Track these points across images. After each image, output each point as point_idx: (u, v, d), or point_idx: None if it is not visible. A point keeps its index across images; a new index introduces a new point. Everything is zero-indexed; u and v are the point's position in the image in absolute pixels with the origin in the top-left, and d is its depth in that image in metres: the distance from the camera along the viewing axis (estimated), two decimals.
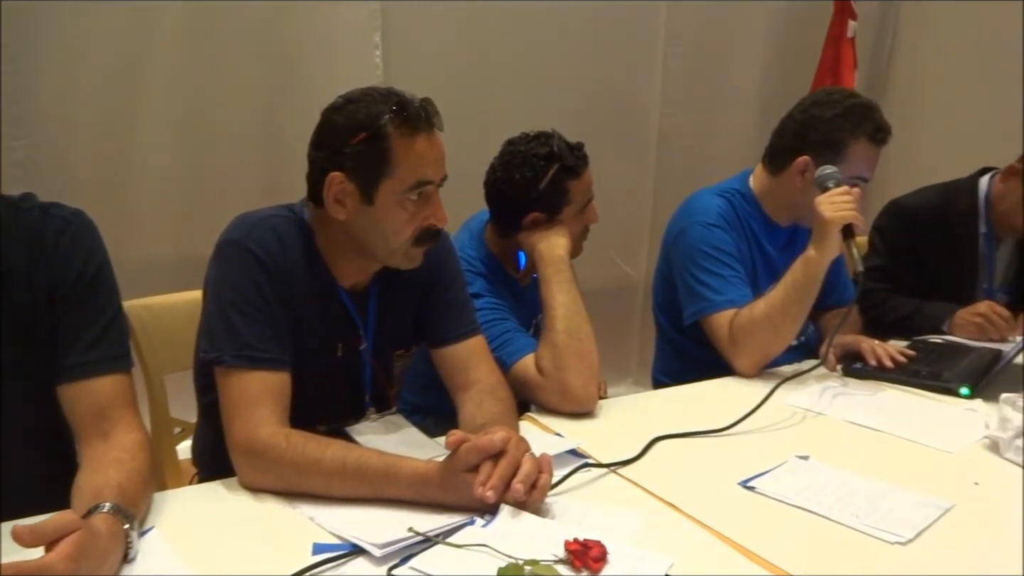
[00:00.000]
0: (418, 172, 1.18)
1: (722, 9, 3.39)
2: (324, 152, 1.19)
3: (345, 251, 1.25)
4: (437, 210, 1.23)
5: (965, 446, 1.29)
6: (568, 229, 1.58)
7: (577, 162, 1.56)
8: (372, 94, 1.19)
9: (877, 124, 1.68)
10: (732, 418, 1.35)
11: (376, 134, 1.14)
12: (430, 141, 1.19)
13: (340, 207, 1.19)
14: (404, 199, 1.19)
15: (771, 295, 1.61)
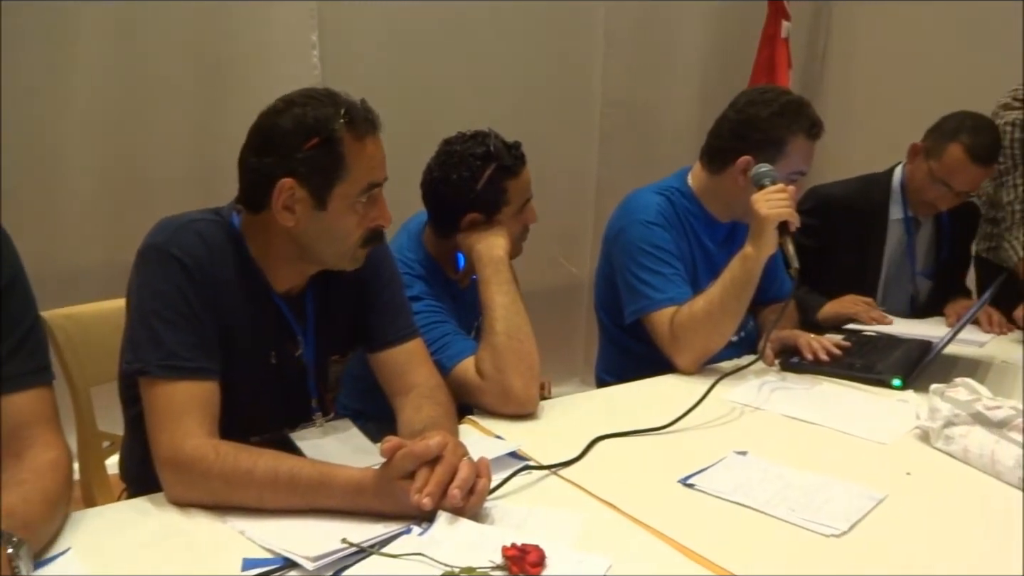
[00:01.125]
0: (369, 175, 1.17)
1: (659, 10, 3.42)
2: (271, 158, 1.15)
3: (282, 256, 1.22)
4: (384, 210, 1.23)
5: (897, 437, 1.32)
6: (507, 229, 1.56)
7: (515, 161, 1.55)
8: (315, 96, 1.17)
9: (812, 119, 1.71)
10: (673, 415, 1.36)
11: (329, 138, 1.12)
12: (376, 143, 1.19)
13: (289, 214, 1.16)
14: (356, 202, 1.18)
15: (710, 292, 1.63)
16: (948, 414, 1.26)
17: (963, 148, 1.99)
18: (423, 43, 3.03)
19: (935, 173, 2.04)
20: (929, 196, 2.09)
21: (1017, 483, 1.12)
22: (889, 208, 2.20)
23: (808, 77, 3.91)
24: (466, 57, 3.10)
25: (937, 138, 2.06)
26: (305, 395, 1.31)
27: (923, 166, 2.08)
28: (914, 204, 2.16)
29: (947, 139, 2.03)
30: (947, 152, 2.02)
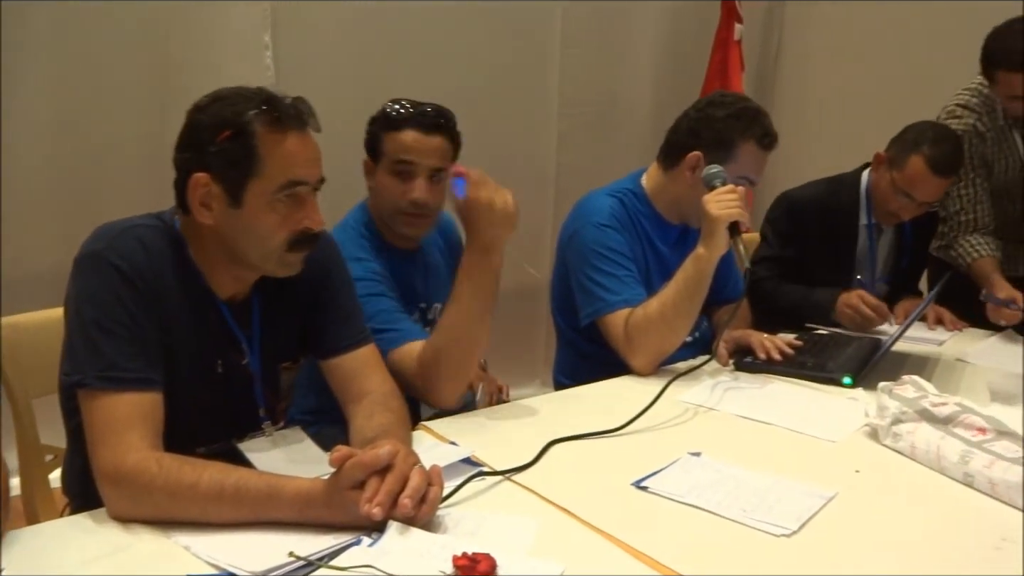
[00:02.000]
0: (288, 171, 1.13)
1: (616, 11, 3.44)
2: (187, 153, 1.13)
3: (220, 260, 1.19)
4: (312, 212, 1.17)
5: (847, 434, 1.34)
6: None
7: (397, 116, 1.62)
8: (241, 92, 1.14)
9: (765, 129, 1.73)
10: (628, 416, 1.36)
11: (241, 131, 1.09)
12: (302, 140, 1.14)
13: (206, 211, 1.13)
14: (274, 200, 1.13)
15: (663, 293, 1.63)
16: (896, 411, 1.28)
17: (924, 160, 1.99)
18: (379, 43, 3.00)
19: (897, 184, 2.05)
20: (892, 206, 2.10)
21: (961, 478, 1.14)
22: (859, 212, 2.20)
23: (762, 79, 3.97)
24: (422, 57, 3.08)
25: (900, 149, 2.06)
26: (253, 404, 1.28)
27: (886, 176, 2.08)
28: (878, 212, 2.17)
29: (909, 150, 2.03)
30: (909, 163, 2.02)
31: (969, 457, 1.14)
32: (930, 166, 2.00)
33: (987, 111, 2.20)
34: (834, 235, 2.19)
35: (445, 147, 1.63)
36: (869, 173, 2.19)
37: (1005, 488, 1.08)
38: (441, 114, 1.63)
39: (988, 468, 1.11)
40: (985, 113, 2.20)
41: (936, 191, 2.06)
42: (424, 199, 1.60)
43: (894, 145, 2.10)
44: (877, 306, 1.98)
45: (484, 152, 3.27)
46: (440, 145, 1.62)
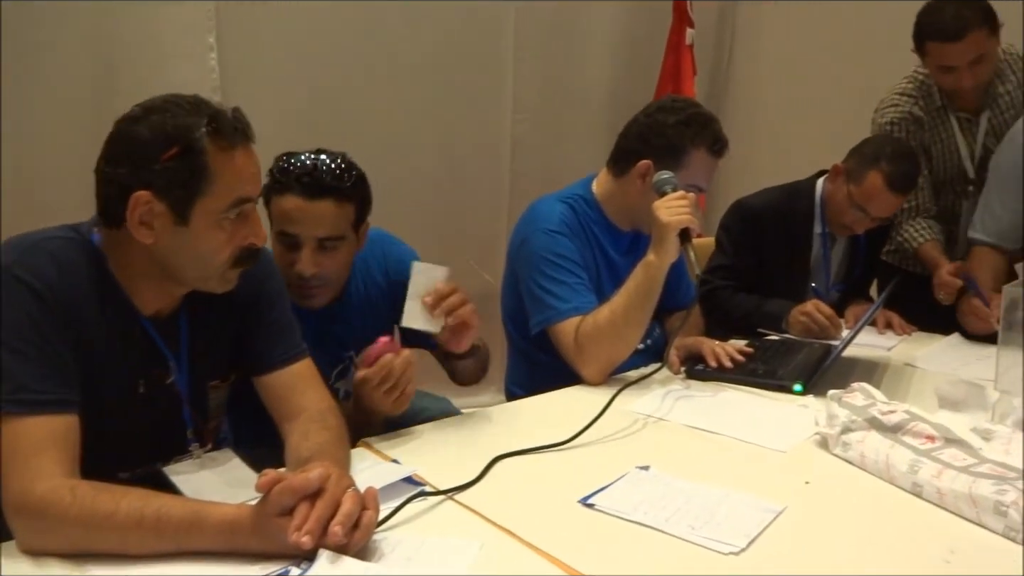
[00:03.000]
0: (238, 189, 1.09)
1: (568, 15, 3.42)
2: (124, 168, 1.06)
3: (146, 275, 1.13)
4: (257, 228, 1.15)
5: (797, 444, 1.31)
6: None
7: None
8: (177, 103, 1.08)
9: (716, 136, 1.71)
10: (578, 428, 1.32)
11: (190, 148, 1.04)
12: (247, 155, 1.11)
13: (147, 229, 1.07)
14: (223, 218, 1.10)
15: (614, 301, 1.61)
16: (845, 420, 1.26)
17: (882, 176, 1.99)
18: (328, 46, 2.94)
19: (854, 197, 2.04)
20: (846, 219, 2.09)
21: (910, 488, 1.13)
22: (814, 220, 2.19)
23: (713, 85, 3.98)
24: (374, 61, 3.03)
25: (858, 163, 2.05)
26: (180, 426, 1.23)
27: (843, 188, 2.07)
28: (832, 224, 2.16)
29: (867, 165, 2.02)
30: (866, 179, 2.01)
31: (918, 467, 1.13)
32: (887, 183, 1.99)
33: (923, 95, 2.22)
34: (789, 243, 2.18)
35: (334, 213, 1.44)
36: (824, 182, 2.19)
37: (953, 498, 1.06)
38: (332, 174, 1.43)
39: (936, 478, 1.09)
40: (921, 97, 2.22)
41: (891, 207, 2.06)
42: (310, 273, 1.45)
43: (852, 158, 2.09)
44: (831, 316, 1.98)
45: (438, 157, 3.26)
46: (327, 212, 1.43)
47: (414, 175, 3.19)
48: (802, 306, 2.00)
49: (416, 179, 3.20)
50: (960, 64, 2.01)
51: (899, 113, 2.22)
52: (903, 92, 2.24)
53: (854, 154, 2.09)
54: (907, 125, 2.21)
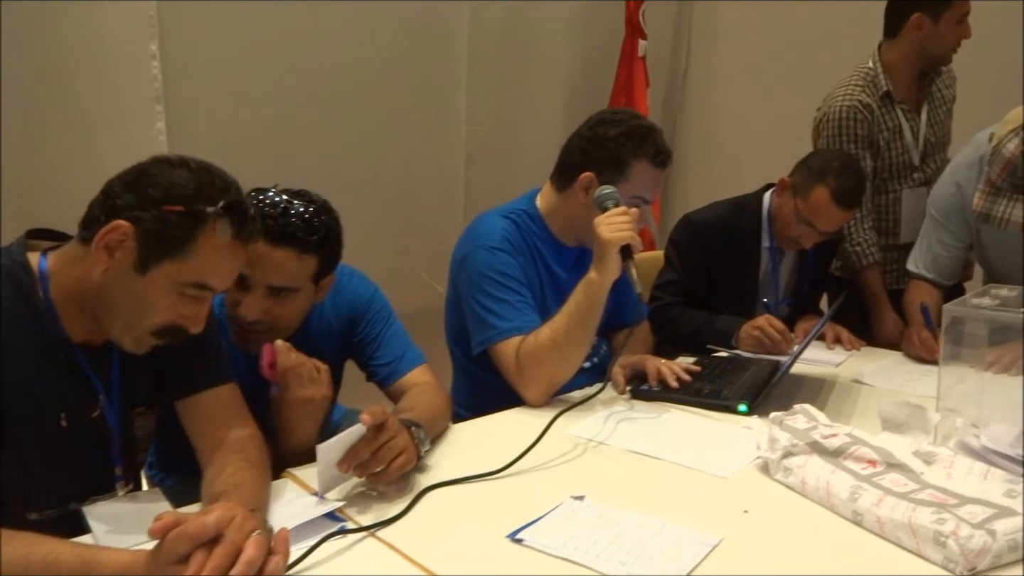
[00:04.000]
0: (207, 276, 1.08)
1: (522, 25, 3.39)
2: (130, 196, 1.04)
3: (84, 304, 1.08)
4: (200, 316, 1.11)
5: (739, 468, 1.27)
6: None
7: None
8: (217, 173, 1.09)
9: (658, 147, 1.68)
10: (516, 454, 1.27)
11: (192, 216, 1.04)
12: (237, 252, 1.11)
13: (106, 256, 1.04)
14: (177, 287, 1.07)
15: (555, 320, 1.56)
16: (786, 444, 1.22)
17: (829, 191, 1.97)
18: (276, 54, 2.86)
19: (800, 212, 2.03)
20: (793, 233, 2.08)
21: (851, 517, 1.09)
22: (761, 235, 2.17)
23: (671, 94, 3.98)
24: (322, 70, 2.95)
25: (805, 177, 2.04)
26: (106, 462, 1.16)
27: (790, 203, 2.06)
28: (779, 238, 2.15)
29: (813, 179, 2.00)
30: (813, 193, 1.99)
31: (858, 494, 1.09)
32: (835, 198, 1.98)
33: (870, 84, 2.27)
34: (738, 257, 2.15)
35: (293, 264, 1.34)
36: (771, 196, 2.17)
37: (892, 528, 1.03)
38: (301, 223, 1.34)
39: (876, 506, 1.06)
40: (869, 85, 2.27)
41: (838, 222, 2.04)
42: (251, 318, 1.36)
43: (798, 172, 2.08)
44: (783, 331, 1.95)
45: (390, 168, 3.20)
46: (286, 261, 1.34)
47: (365, 185, 3.12)
48: (754, 321, 1.98)
49: (367, 190, 3.13)
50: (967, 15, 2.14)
51: (848, 102, 2.25)
52: (848, 83, 2.29)
53: (800, 167, 2.07)
54: (856, 113, 2.24)
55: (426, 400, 1.41)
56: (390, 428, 1.14)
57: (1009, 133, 1.53)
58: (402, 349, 1.57)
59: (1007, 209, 1.57)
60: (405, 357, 1.55)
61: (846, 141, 2.25)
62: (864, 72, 2.29)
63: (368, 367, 1.58)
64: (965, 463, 1.19)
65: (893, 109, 2.28)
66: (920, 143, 2.29)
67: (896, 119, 2.28)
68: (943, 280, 2.02)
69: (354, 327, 1.57)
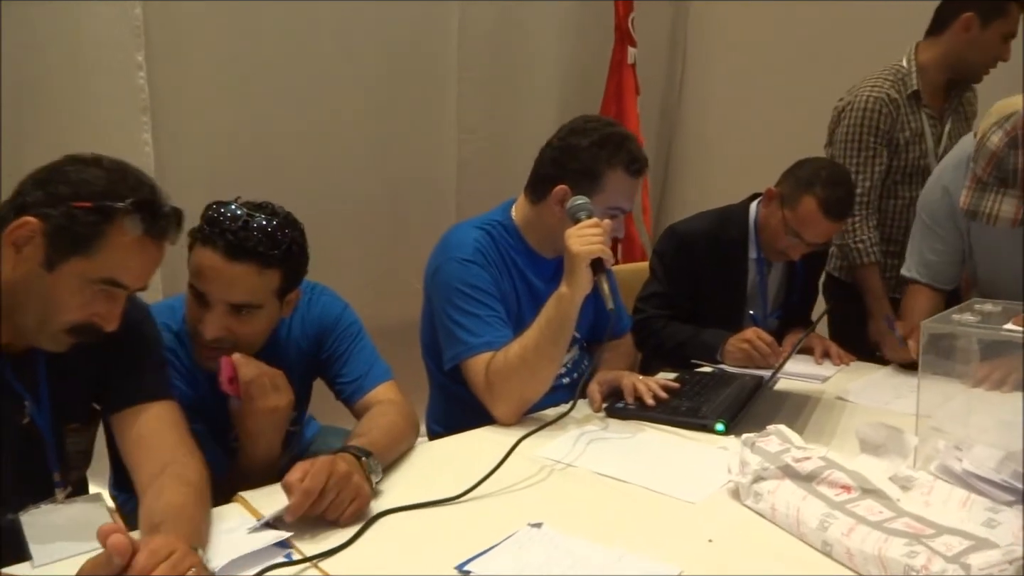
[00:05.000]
0: (117, 272, 1.06)
1: (513, 34, 3.35)
2: (40, 193, 1.04)
3: None
4: (113, 313, 1.10)
5: (709, 494, 1.22)
6: None
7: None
8: (130, 172, 1.09)
9: (632, 155, 1.63)
10: (480, 476, 1.22)
11: (100, 212, 1.03)
12: (149, 250, 1.09)
13: (14, 252, 1.02)
14: (86, 284, 1.05)
15: (525, 336, 1.51)
16: (757, 467, 1.17)
17: (817, 201, 1.92)
18: (265, 65, 2.82)
19: (788, 223, 1.97)
20: (781, 244, 2.02)
21: (820, 547, 1.03)
22: (748, 246, 2.12)
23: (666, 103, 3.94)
24: (312, 79, 2.92)
25: (792, 186, 1.98)
26: (43, 470, 1.13)
27: (777, 213, 2.00)
28: (766, 249, 2.09)
29: (801, 190, 1.95)
30: (801, 203, 1.94)
31: (828, 523, 1.03)
32: (823, 209, 1.92)
33: (899, 81, 2.22)
34: (724, 269, 2.10)
35: (253, 280, 1.29)
36: (758, 205, 2.11)
37: (862, 560, 0.97)
38: (262, 236, 1.28)
39: (846, 536, 1.00)
40: (899, 81, 2.22)
41: (827, 233, 1.99)
42: (211, 336, 1.31)
43: (786, 181, 2.02)
44: (772, 343, 1.90)
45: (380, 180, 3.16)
46: (245, 277, 1.28)
47: (355, 197, 3.08)
48: (741, 334, 1.92)
49: (357, 201, 3.10)
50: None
51: (877, 93, 2.19)
52: (881, 76, 2.23)
53: (788, 177, 2.01)
54: (882, 106, 2.18)
55: (386, 422, 1.36)
56: (330, 488, 1.08)
57: (992, 126, 1.47)
58: (368, 365, 1.52)
59: (994, 204, 1.50)
60: (371, 374, 1.51)
61: (867, 133, 2.18)
62: (896, 69, 2.23)
63: (334, 384, 1.53)
64: (944, 489, 1.13)
65: (918, 111, 2.22)
66: (940, 151, 2.22)
67: (920, 121, 2.22)
68: (939, 285, 1.93)
69: (321, 344, 1.53)
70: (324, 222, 3.00)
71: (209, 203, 1.34)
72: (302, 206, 3.03)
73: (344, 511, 1.09)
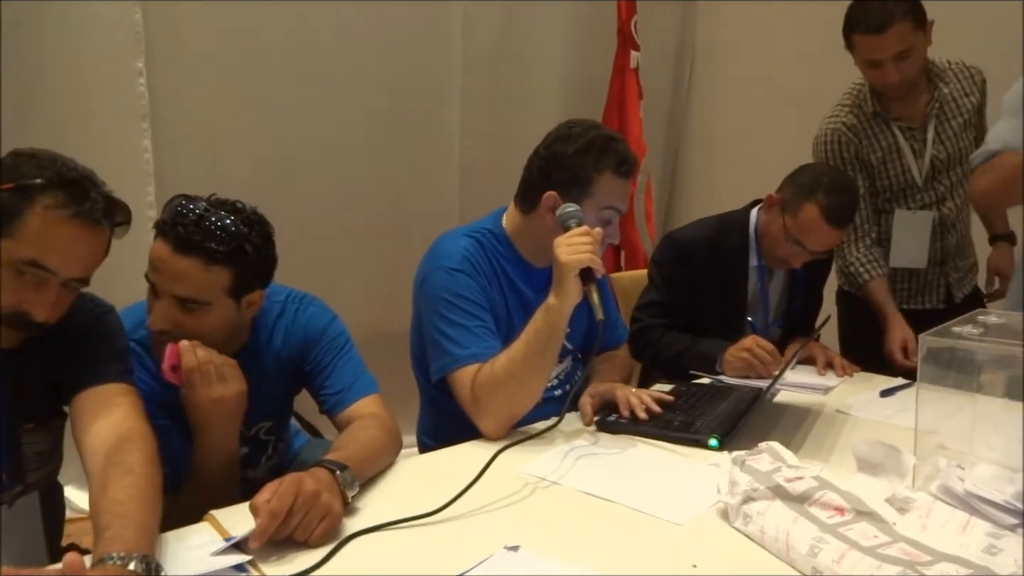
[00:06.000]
0: (39, 253, 1.04)
1: (516, 39, 3.32)
2: None
3: None
4: (43, 301, 1.07)
5: (699, 514, 1.16)
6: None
7: None
8: (60, 160, 1.09)
9: (620, 156, 1.58)
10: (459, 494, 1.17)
11: (21, 191, 1.02)
12: (77, 233, 1.06)
13: None
14: (14, 267, 1.04)
15: (513, 348, 1.46)
16: (746, 487, 1.11)
17: (819, 208, 1.86)
18: (267, 71, 2.81)
19: (789, 230, 1.91)
20: (782, 252, 1.97)
21: (810, 573, 0.98)
22: (748, 253, 2.06)
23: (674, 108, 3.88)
24: (312, 87, 2.90)
25: (793, 193, 1.92)
26: None
27: (778, 220, 1.94)
28: (767, 257, 2.03)
29: (803, 196, 1.89)
30: (803, 211, 1.88)
31: (819, 548, 0.98)
32: (825, 216, 1.86)
33: (858, 103, 2.16)
34: (723, 277, 2.04)
35: (199, 275, 1.27)
36: (758, 212, 2.06)
37: None
38: (211, 231, 1.26)
39: (837, 563, 0.95)
40: (856, 105, 2.16)
41: (829, 241, 1.93)
42: (159, 328, 1.30)
43: (787, 187, 1.96)
44: (773, 351, 1.84)
45: (382, 187, 3.12)
46: (190, 271, 1.26)
47: (357, 204, 3.06)
48: (741, 342, 1.86)
49: (359, 208, 3.07)
50: (885, 58, 1.97)
51: (833, 124, 2.16)
52: (839, 103, 2.19)
53: (789, 183, 1.96)
54: (840, 136, 2.14)
55: (365, 436, 1.31)
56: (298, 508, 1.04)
57: None
58: (353, 377, 1.48)
59: None
60: (355, 386, 1.47)
61: (834, 163, 2.16)
62: (856, 91, 2.18)
63: (318, 396, 1.50)
64: (944, 511, 1.07)
65: (888, 128, 2.14)
66: (926, 162, 2.13)
67: (891, 138, 2.14)
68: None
69: (305, 356, 1.49)
70: (326, 229, 3.00)
71: (175, 196, 1.32)
72: (304, 213, 3.02)
73: (312, 532, 1.05)
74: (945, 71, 2.14)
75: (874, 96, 2.12)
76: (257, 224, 1.34)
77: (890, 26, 1.92)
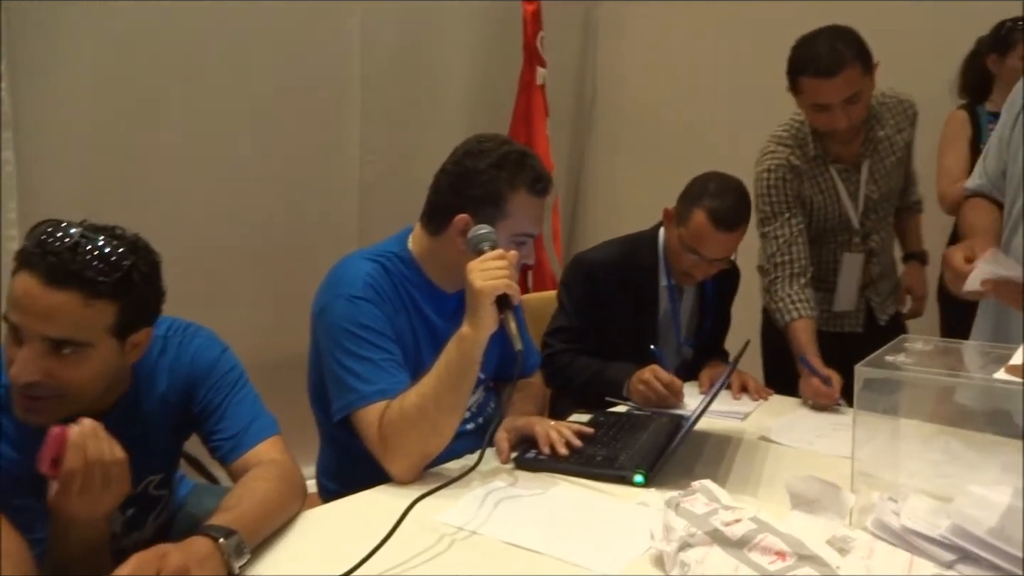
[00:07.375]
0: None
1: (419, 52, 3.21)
2: None
3: None
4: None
5: (631, 561, 1.08)
6: None
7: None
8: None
9: (536, 172, 1.49)
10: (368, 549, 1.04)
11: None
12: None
13: None
14: None
15: (423, 383, 1.35)
16: (683, 533, 1.04)
17: (706, 213, 1.83)
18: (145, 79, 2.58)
19: (684, 240, 1.89)
20: (683, 265, 1.93)
21: None
22: (658, 273, 2.01)
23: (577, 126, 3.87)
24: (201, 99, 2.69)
25: (683, 203, 1.90)
26: None
27: (675, 233, 1.92)
28: (674, 273, 2.00)
29: (691, 204, 1.87)
30: (692, 218, 1.86)
31: None
32: (712, 220, 1.84)
33: (799, 144, 2.08)
34: (634, 298, 1.99)
35: (77, 311, 1.08)
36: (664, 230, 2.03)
37: None
38: (91, 260, 1.09)
39: None
40: (798, 146, 2.08)
41: (723, 246, 1.89)
42: (27, 380, 1.09)
43: (680, 200, 1.94)
44: (670, 383, 1.78)
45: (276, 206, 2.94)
46: (66, 307, 1.08)
47: (248, 224, 2.86)
48: (640, 373, 1.81)
49: (250, 229, 2.87)
50: (834, 102, 1.90)
51: (776, 159, 2.07)
52: (780, 140, 2.10)
53: (682, 195, 1.94)
54: (784, 172, 2.06)
55: (263, 488, 1.16)
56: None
57: None
58: (249, 419, 1.32)
59: None
60: (251, 429, 1.31)
61: (775, 201, 2.07)
62: (796, 129, 2.09)
63: (209, 441, 1.33)
64: (885, 551, 1.03)
65: (827, 169, 2.09)
66: (860, 202, 2.11)
67: (830, 180, 2.09)
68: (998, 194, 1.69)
69: (193, 396, 1.32)
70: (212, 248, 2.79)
71: (40, 221, 1.13)
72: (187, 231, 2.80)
73: None
74: (881, 109, 2.08)
75: (815, 138, 2.06)
76: (143, 251, 1.17)
77: (841, 70, 1.85)
